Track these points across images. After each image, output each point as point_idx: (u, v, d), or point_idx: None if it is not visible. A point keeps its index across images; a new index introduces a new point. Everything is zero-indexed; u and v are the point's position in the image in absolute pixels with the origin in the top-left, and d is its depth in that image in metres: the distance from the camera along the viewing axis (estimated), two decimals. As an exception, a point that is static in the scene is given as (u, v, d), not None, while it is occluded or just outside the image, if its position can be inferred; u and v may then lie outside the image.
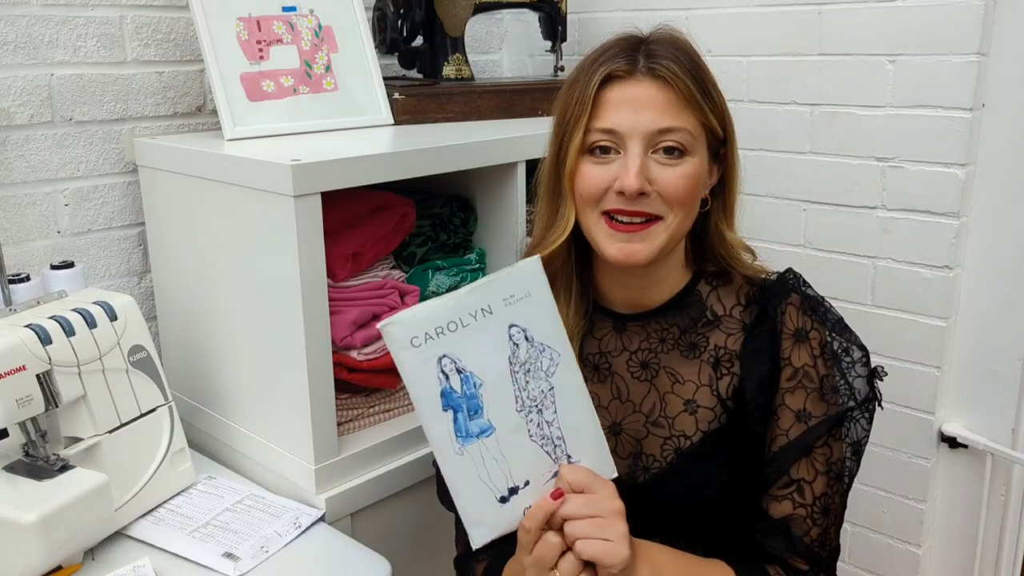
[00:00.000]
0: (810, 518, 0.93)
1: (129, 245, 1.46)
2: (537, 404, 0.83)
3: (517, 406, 0.83)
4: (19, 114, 1.31)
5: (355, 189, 1.18)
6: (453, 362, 0.81)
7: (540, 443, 0.84)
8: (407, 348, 0.80)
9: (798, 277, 1.00)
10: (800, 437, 0.94)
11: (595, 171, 0.92)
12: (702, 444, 0.96)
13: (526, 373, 0.83)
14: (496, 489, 0.83)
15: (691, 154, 0.91)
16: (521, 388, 0.83)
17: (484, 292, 0.81)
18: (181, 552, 1.08)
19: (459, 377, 0.81)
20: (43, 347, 1.04)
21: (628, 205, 0.90)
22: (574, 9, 1.83)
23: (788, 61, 1.57)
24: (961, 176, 1.41)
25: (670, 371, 0.98)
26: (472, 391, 0.82)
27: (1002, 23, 1.37)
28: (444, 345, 0.80)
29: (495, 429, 0.83)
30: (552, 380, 0.83)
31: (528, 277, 0.82)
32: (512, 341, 0.82)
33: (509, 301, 0.81)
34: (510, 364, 0.82)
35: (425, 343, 0.80)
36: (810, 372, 0.95)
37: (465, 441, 0.82)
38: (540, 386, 0.83)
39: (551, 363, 0.83)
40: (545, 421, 0.84)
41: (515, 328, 0.82)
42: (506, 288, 0.81)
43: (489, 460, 0.83)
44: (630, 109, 0.90)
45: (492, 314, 0.81)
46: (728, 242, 0.99)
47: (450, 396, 0.81)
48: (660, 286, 0.99)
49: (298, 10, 1.44)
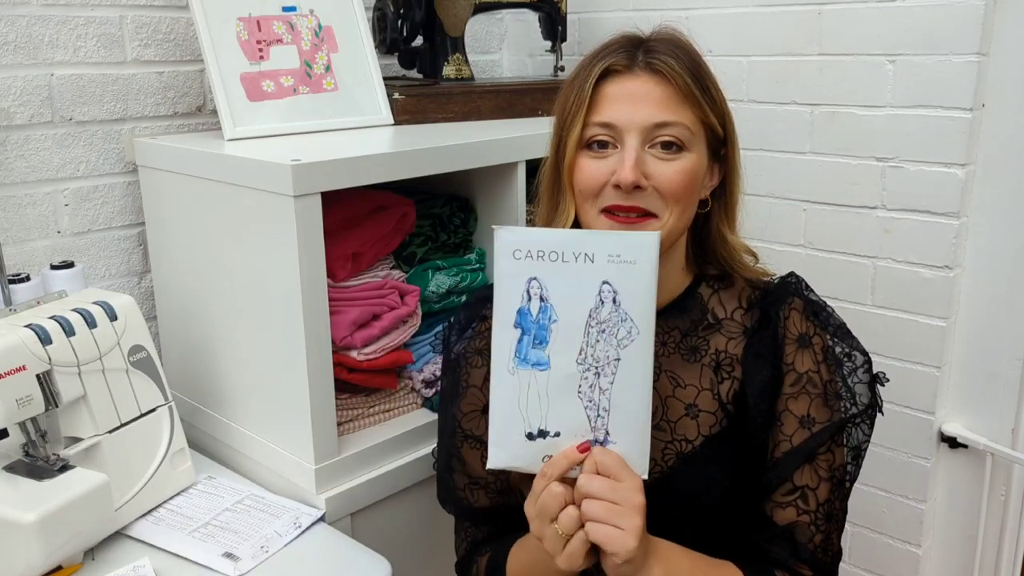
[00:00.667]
0: (814, 524, 0.93)
1: (129, 245, 1.46)
2: (598, 366, 0.84)
3: (579, 357, 0.84)
4: (19, 114, 1.31)
5: (355, 189, 1.18)
6: (541, 288, 0.84)
7: (585, 404, 0.85)
8: (508, 256, 0.84)
9: (800, 281, 1.00)
10: (804, 443, 0.94)
11: (593, 165, 0.92)
12: (703, 448, 0.96)
13: (600, 332, 0.84)
14: (528, 423, 0.85)
15: (689, 150, 0.91)
16: (590, 343, 0.84)
17: (594, 239, 0.83)
18: (181, 552, 1.08)
19: (539, 304, 0.84)
20: (43, 347, 1.04)
21: (624, 200, 0.90)
22: (574, 9, 1.83)
23: (788, 61, 1.57)
24: (961, 176, 1.41)
25: (671, 375, 0.98)
26: (546, 322, 0.84)
27: (1002, 23, 1.37)
28: (539, 268, 0.83)
29: (550, 367, 0.84)
30: (622, 352, 0.84)
31: (642, 246, 0.83)
32: (600, 296, 0.83)
33: (613, 259, 0.83)
34: (589, 316, 0.84)
35: (524, 259, 0.83)
36: (814, 378, 0.95)
37: (520, 364, 0.84)
38: (608, 352, 0.84)
39: (627, 336, 0.84)
40: (599, 386, 0.84)
41: (607, 286, 0.83)
42: (616, 245, 0.83)
43: (532, 393, 0.84)
44: (628, 103, 0.90)
45: (593, 263, 0.83)
46: (730, 244, 0.99)
47: (525, 316, 0.84)
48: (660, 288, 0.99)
49: (298, 10, 1.44)
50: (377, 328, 1.27)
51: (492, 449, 0.87)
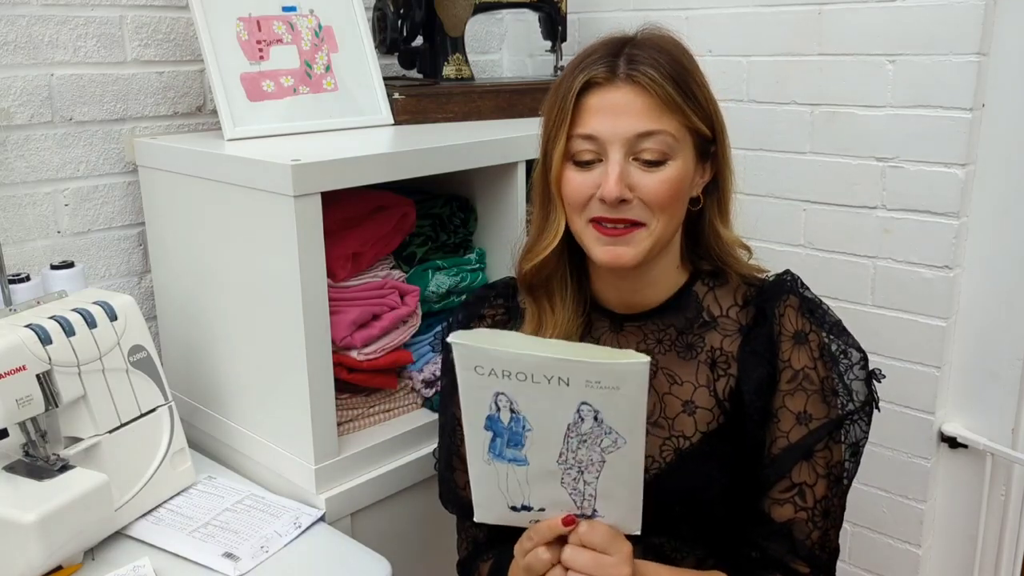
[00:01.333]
0: (811, 521, 0.93)
1: (129, 245, 1.46)
2: (581, 467, 0.80)
3: (559, 460, 0.80)
4: (19, 114, 1.31)
5: (355, 189, 1.18)
6: (509, 401, 0.78)
7: (570, 492, 0.82)
8: (470, 370, 0.78)
9: (796, 279, 1.00)
10: (801, 440, 0.94)
11: (579, 178, 0.92)
12: (701, 445, 0.96)
13: (581, 442, 0.79)
14: (510, 500, 0.83)
15: (673, 158, 0.91)
16: (570, 449, 0.80)
17: (570, 368, 0.75)
18: (181, 552, 1.08)
19: (511, 415, 0.79)
20: (43, 347, 1.04)
21: (610, 212, 0.90)
22: (574, 9, 1.83)
23: (788, 61, 1.57)
24: (961, 176, 1.41)
25: (668, 372, 0.98)
26: (519, 429, 0.80)
27: (1002, 23, 1.37)
28: (506, 386, 0.77)
29: (528, 464, 0.81)
30: (607, 457, 0.79)
31: (626, 377, 0.75)
32: (579, 414, 0.78)
33: (592, 385, 0.76)
34: (567, 429, 0.79)
35: (488, 376, 0.77)
36: (810, 374, 0.95)
37: (496, 459, 0.81)
38: (591, 456, 0.80)
39: (613, 445, 0.79)
40: (583, 480, 0.81)
41: (587, 407, 0.77)
42: (595, 374, 0.76)
43: (512, 480, 0.82)
44: (609, 115, 0.90)
45: (568, 387, 0.76)
46: (723, 239, 0.99)
47: (496, 423, 0.80)
48: (654, 287, 0.99)
49: (298, 10, 1.44)
50: (377, 328, 1.27)
51: (477, 509, 0.85)
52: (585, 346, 0.79)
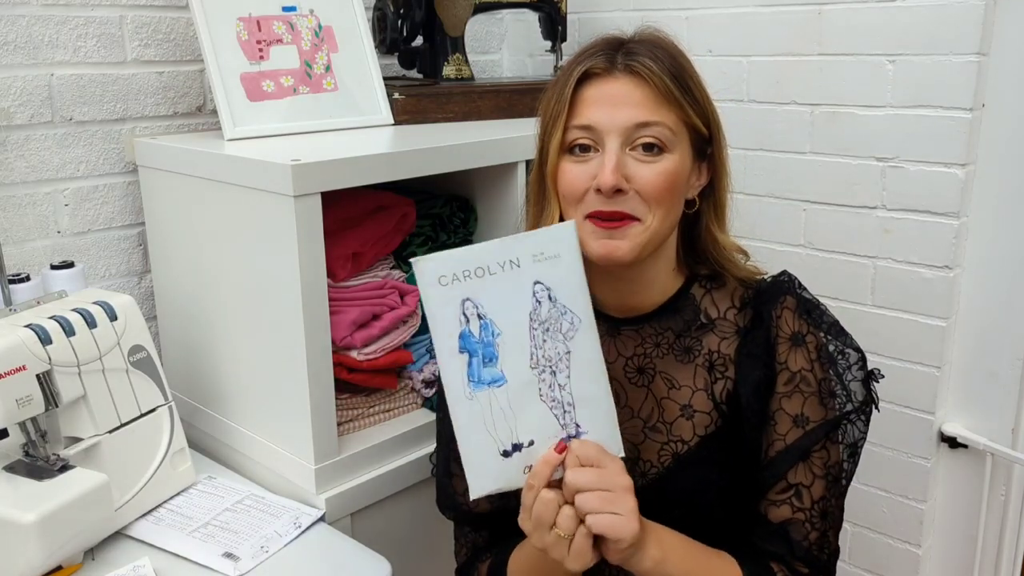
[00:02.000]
0: (808, 522, 0.93)
1: (129, 245, 1.46)
2: (552, 365, 0.84)
3: (531, 362, 0.84)
4: (19, 114, 1.31)
5: (355, 189, 1.18)
6: (475, 307, 0.83)
7: (550, 405, 0.84)
8: (435, 285, 0.82)
9: (793, 279, 1.00)
10: (798, 441, 0.94)
11: (575, 170, 0.91)
12: (699, 449, 0.96)
13: (545, 332, 0.83)
14: (500, 441, 0.84)
15: (670, 151, 0.90)
16: (538, 346, 0.84)
17: (515, 244, 0.82)
18: (181, 552, 1.08)
19: (479, 323, 0.83)
20: (43, 347, 1.04)
21: (606, 205, 0.90)
22: (574, 9, 1.83)
23: (788, 61, 1.57)
24: (961, 176, 1.41)
25: (665, 376, 0.98)
26: (490, 338, 0.83)
27: (1002, 23, 1.37)
28: (469, 288, 0.82)
29: (507, 381, 0.84)
30: (570, 344, 0.84)
31: (560, 238, 0.83)
32: (535, 298, 0.83)
33: (538, 258, 0.82)
34: (530, 319, 0.83)
35: (452, 283, 0.82)
36: (807, 376, 0.95)
37: (476, 387, 0.83)
38: (557, 348, 0.84)
39: (571, 327, 0.84)
40: (558, 384, 0.84)
41: (540, 286, 0.83)
42: (536, 244, 0.82)
43: (496, 411, 0.84)
44: (607, 105, 0.90)
45: (519, 267, 0.82)
46: (720, 243, 0.99)
47: (468, 339, 0.83)
48: (651, 289, 0.99)
49: (298, 10, 1.44)
50: (377, 328, 1.27)
51: (471, 480, 0.85)
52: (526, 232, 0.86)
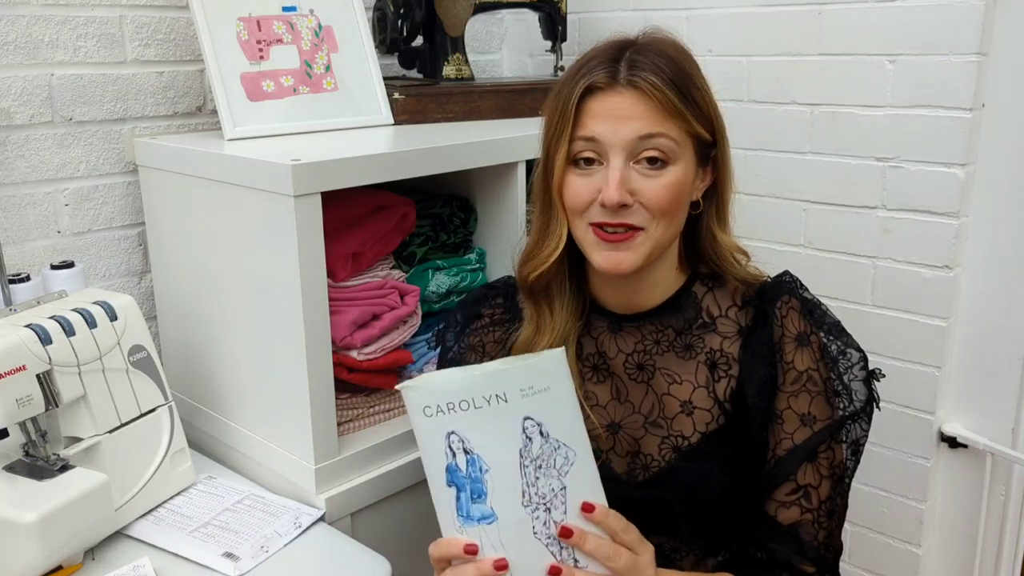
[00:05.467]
0: (817, 523, 0.94)
1: (129, 245, 1.46)
2: (546, 502, 0.80)
3: (523, 500, 0.80)
4: (19, 114, 1.31)
5: (355, 189, 1.18)
6: (461, 441, 0.79)
7: (545, 542, 0.81)
8: (420, 415, 0.79)
9: (795, 280, 1.00)
10: (805, 442, 0.94)
11: (580, 183, 0.92)
12: (700, 445, 0.96)
13: (537, 468, 0.79)
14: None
15: (674, 162, 0.91)
16: (530, 483, 0.79)
17: (501, 378, 0.77)
18: (181, 552, 1.08)
19: (466, 457, 0.79)
20: (43, 347, 1.04)
21: (611, 217, 0.90)
22: (574, 9, 1.83)
23: (788, 61, 1.57)
24: (961, 176, 1.41)
25: (666, 372, 0.98)
26: (477, 474, 0.79)
27: (1002, 23, 1.36)
28: (455, 422, 0.78)
29: (497, 518, 0.80)
30: (565, 480, 0.80)
31: (549, 369, 0.78)
32: (525, 434, 0.79)
33: (526, 392, 0.78)
34: (520, 457, 0.79)
35: (436, 415, 0.78)
36: (814, 376, 0.95)
37: (466, 522, 0.80)
38: (551, 484, 0.80)
39: (566, 462, 0.79)
40: (553, 521, 0.80)
41: (530, 421, 0.78)
42: (524, 378, 0.78)
43: (488, 547, 0.80)
44: (611, 119, 0.90)
45: (507, 403, 0.78)
46: (720, 243, 0.99)
47: (455, 473, 0.79)
48: (653, 289, 1.00)
49: (298, 10, 1.44)
50: (377, 328, 1.27)
51: None
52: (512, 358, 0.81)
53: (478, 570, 0.80)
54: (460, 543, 0.80)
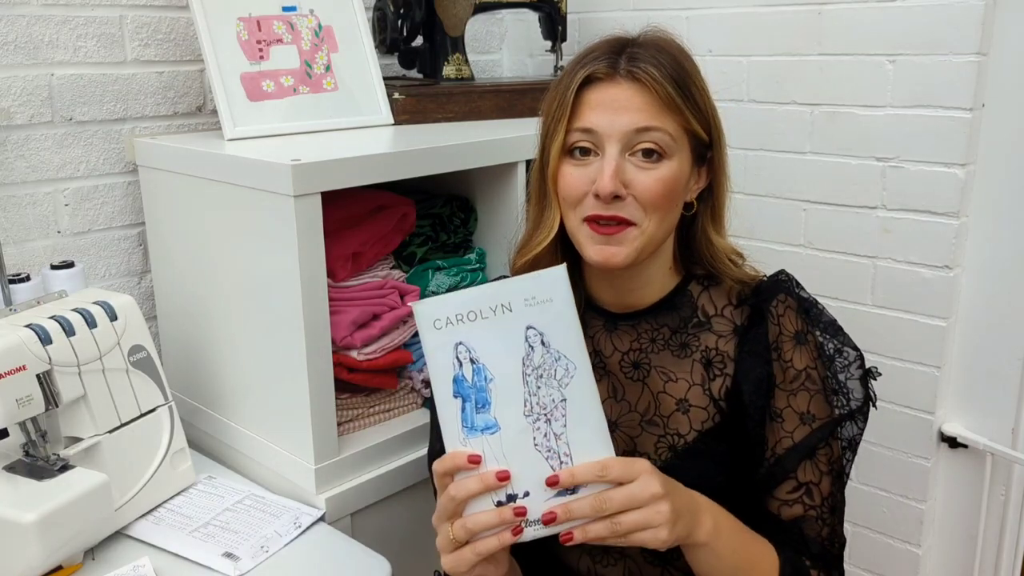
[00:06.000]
0: (820, 519, 0.94)
1: (129, 245, 1.46)
2: (546, 413, 0.82)
3: (525, 410, 0.82)
4: (19, 114, 1.31)
5: (355, 189, 1.18)
6: (468, 351, 0.82)
7: (545, 455, 0.82)
8: (430, 329, 0.82)
9: (791, 279, 1.00)
10: (804, 439, 0.94)
11: (575, 173, 0.92)
12: (696, 443, 0.96)
13: (538, 378, 0.82)
14: (494, 493, 0.82)
15: (669, 157, 0.91)
16: (531, 392, 0.82)
17: (506, 288, 0.81)
18: (181, 552, 1.08)
19: (472, 367, 0.82)
20: (43, 347, 1.04)
21: (604, 210, 0.90)
22: (574, 9, 1.83)
23: (788, 61, 1.57)
24: (961, 176, 1.41)
25: (662, 370, 0.99)
26: (482, 383, 0.82)
27: (1002, 23, 1.37)
28: (462, 332, 0.81)
29: (500, 428, 0.82)
30: (565, 392, 0.82)
31: (551, 283, 0.81)
32: (528, 343, 0.81)
33: (530, 302, 0.81)
34: (523, 365, 0.82)
35: (446, 327, 0.81)
36: (812, 374, 0.95)
37: (470, 433, 0.82)
38: (552, 395, 0.82)
39: (566, 373, 0.82)
40: (553, 433, 0.82)
41: (532, 331, 0.81)
42: (528, 289, 0.81)
43: (491, 459, 0.82)
44: (608, 110, 0.90)
45: (511, 312, 0.81)
46: (715, 246, 0.99)
47: (461, 384, 0.82)
48: (648, 287, 1.00)
49: (298, 10, 1.44)
50: (377, 328, 1.27)
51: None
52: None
53: (481, 481, 0.81)
54: (464, 454, 0.81)
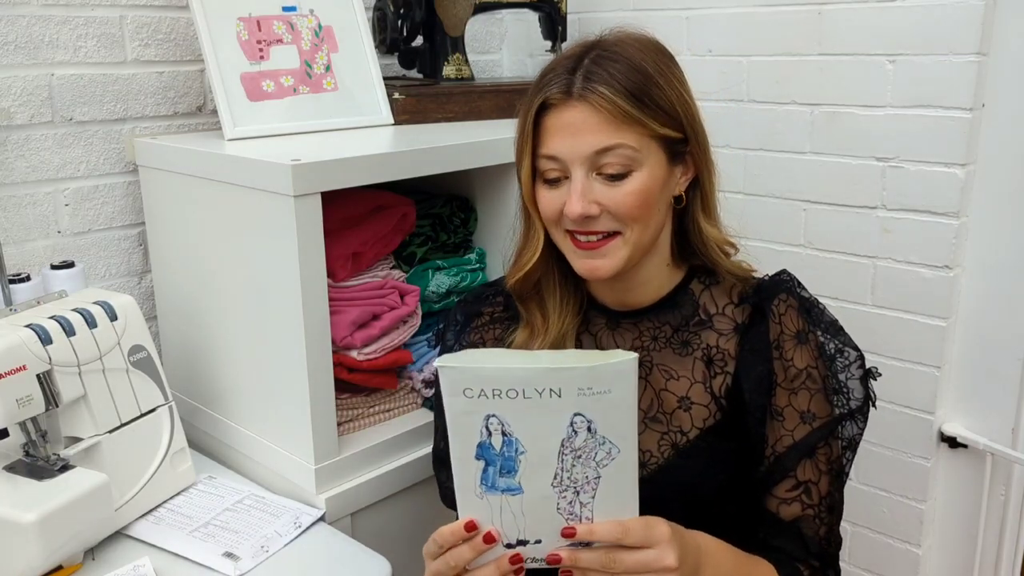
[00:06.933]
0: (818, 518, 0.95)
1: (129, 245, 1.46)
2: (577, 487, 0.78)
3: (554, 482, 0.78)
4: (19, 114, 1.31)
5: (355, 189, 1.18)
6: (502, 424, 0.76)
7: (566, 517, 0.79)
8: (458, 395, 0.75)
9: (793, 279, 1.00)
10: (805, 438, 0.95)
11: (549, 196, 0.94)
12: (698, 441, 0.97)
13: (576, 458, 0.77)
14: (506, 537, 0.81)
15: (638, 168, 0.90)
16: (565, 469, 0.77)
17: (562, 376, 0.73)
18: (181, 552, 1.08)
19: (503, 439, 0.77)
20: (43, 347, 1.04)
21: (580, 227, 0.92)
22: (574, 9, 1.83)
23: (788, 61, 1.57)
24: (961, 176, 1.41)
25: (663, 368, 0.99)
26: (511, 454, 0.77)
27: (1002, 23, 1.36)
28: (498, 407, 0.75)
29: (523, 492, 0.78)
30: (602, 471, 0.77)
31: (615, 376, 0.74)
32: (572, 428, 0.76)
33: (584, 392, 0.74)
34: (561, 446, 0.76)
35: (478, 397, 0.75)
36: (813, 373, 0.96)
37: (489, 491, 0.79)
38: (587, 472, 0.77)
39: (607, 456, 0.77)
40: (579, 502, 0.79)
41: (580, 417, 0.75)
42: (586, 379, 0.74)
43: (507, 513, 0.80)
44: (567, 135, 0.90)
45: (560, 398, 0.74)
46: (707, 235, 0.99)
47: (487, 450, 0.77)
48: (647, 286, 1.00)
49: (298, 10, 1.44)
50: (377, 328, 1.27)
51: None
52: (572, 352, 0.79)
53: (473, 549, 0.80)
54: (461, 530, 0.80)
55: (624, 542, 0.78)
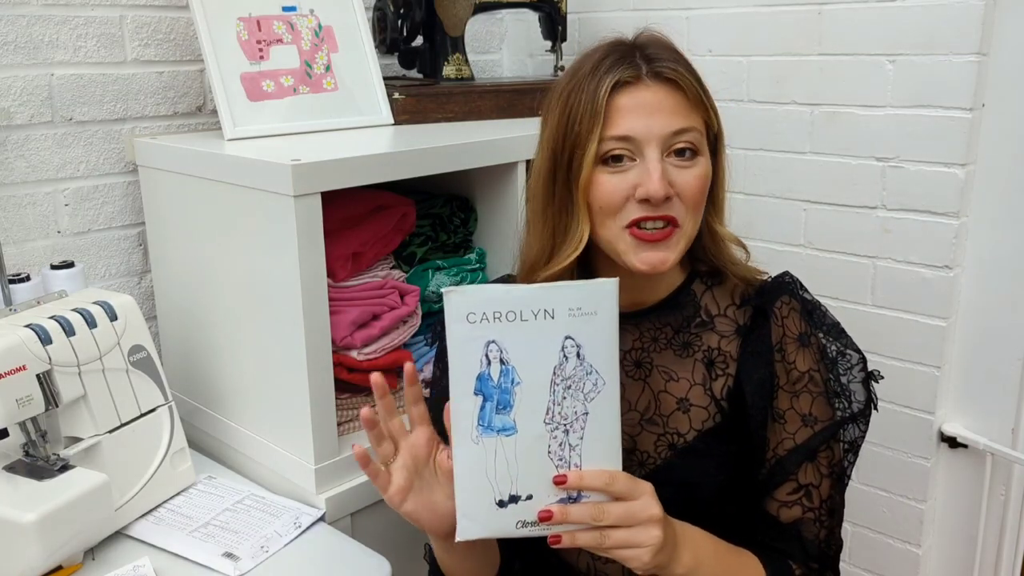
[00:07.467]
0: (818, 521, 0.94)
1: (129, 245, 1.46)
2: (566, 423, 0.81)
3: (546, 418, 0.81)
4: (19, 114, 1.31)
5: (355, 189, 1.18)
6: (500, 350, 0.80)
7: (556, 463, 0.82)
8: (462, 321, 0.79)
9: (795, 280, 1.00)
10: (806, 442, 0.94)
11: (613, 180, 0.90)
12: (696, 442, 0.96)
13: (566, 389, 0.81)
14: (498, 491, 0.82)
15: (701, 153, 0.92)
16: (556, 402, 0.81)
17: (553, 294, 0.79)
18: (181, 552, 1.08)
19: (500, 367, 0.80)
20: (43, 347, 1.04)
21: (653, 211, 0.89)
22: (574, 9, 1.83)
23: (788, 61, 1.57)
24: (961, 176, 1.41)
25: (663, 369, 0.99)
26: (508, 385, 0.80)
27: (1002, 23, 1.37)
28: (497, 331, 0.79)
29: (517, 432, 0.81)
30: (589, 405, 0.81)
31: (600, 296, 0.79)
32: (563, 352, 0.80)
33: (574, 312, 0.79)
34: (553, 374, 0.80)
35: (480, 322, 0.79)
36: (815, 376, 0.95)
37: (484, 432, 0.81)
38: (575, 407, 0.81)
39: (594, 388, 0.81)
40: (568, 444, 0.81)
41: (570, 341, 0.80)
42: (575, 298, 0.79)
43: (500, 460, 0.81)
44: (643, 114, 0.89)
45: (554, 319, 0.79)
46: (718, 236, 0.98)
47: (485, 382, 0.80)
48: (655, 286, 1.00)
49: (298, 10, 1.44)
50: (377, 328, 1.27)
51: (461, 521, 0.83)
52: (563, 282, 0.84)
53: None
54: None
55: (611, 488, 0.80)
